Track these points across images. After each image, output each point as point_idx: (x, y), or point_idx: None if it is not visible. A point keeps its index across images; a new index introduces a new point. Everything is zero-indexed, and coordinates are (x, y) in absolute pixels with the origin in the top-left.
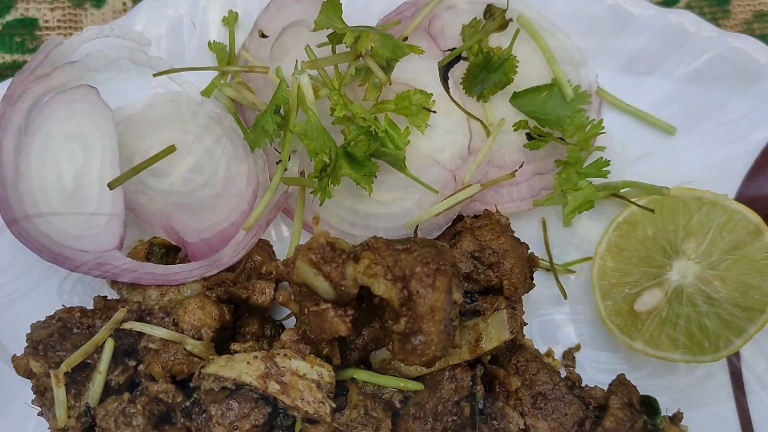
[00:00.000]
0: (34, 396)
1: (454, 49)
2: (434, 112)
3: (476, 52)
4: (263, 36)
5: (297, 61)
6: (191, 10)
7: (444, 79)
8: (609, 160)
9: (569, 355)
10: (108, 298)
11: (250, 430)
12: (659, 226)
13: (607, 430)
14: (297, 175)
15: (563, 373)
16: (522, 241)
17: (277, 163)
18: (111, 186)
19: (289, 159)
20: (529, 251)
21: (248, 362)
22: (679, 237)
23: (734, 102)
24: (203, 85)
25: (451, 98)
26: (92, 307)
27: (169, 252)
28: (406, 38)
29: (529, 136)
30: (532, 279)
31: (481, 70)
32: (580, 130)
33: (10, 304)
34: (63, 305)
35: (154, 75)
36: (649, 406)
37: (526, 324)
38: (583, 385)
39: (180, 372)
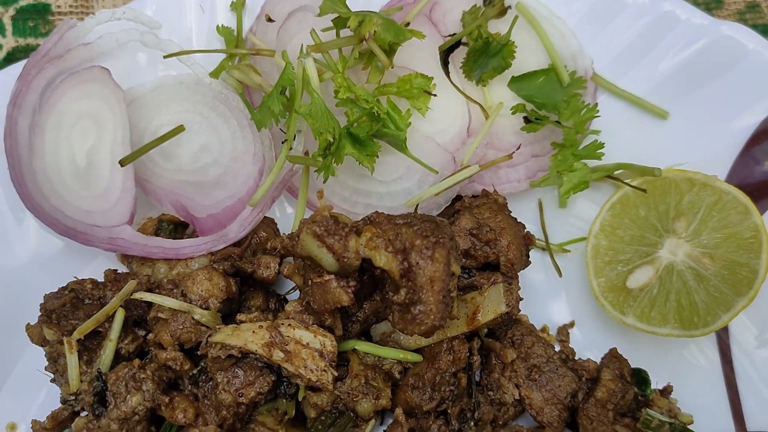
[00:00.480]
0: (47, 363)
1: (454, 34)
2: (435, 95)
3: (476, 37)
4: (270, 20)
5: (302, 44)
6: None
7: (444, 63)
8: (603, 143)
9: (564, 331)
10: (118, 271)
11: (255, 398)
12: (651, 206)
13: (599, 400)
14: (302, 154)
15: (557, 348)
16: (519, 220)
17: (282, 142)
18: (122, 163)
19: (294, 139)
20: (526, 230)
21: (254, 331)
22: (670, 216)
23: (725, 87)
24: (212, 68)
25: (451, 82)
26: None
27: (177, 228)
28: (408, 24)
29: (526, 120)
30: (528, 256)
31: (481, 55)
32: (576, 114)
33: (24, 278)
34: (75, 277)
35: (165, 57)
36: (640, 378)
37: (522, 299)
38: (576, 358)
39: (188, 340)
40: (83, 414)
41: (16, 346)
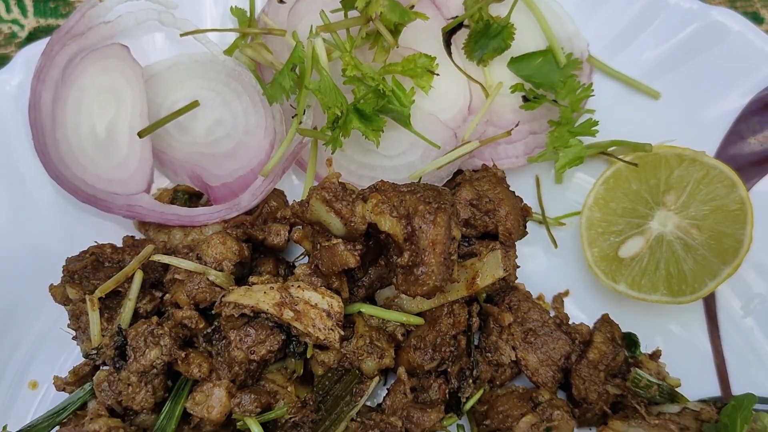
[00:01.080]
0: (69, 320)
1: (456, 17)
2: (438, 74)
3: (477, 19)
4: (281, 2)
5: (312, 25)
6: None
7: (447, 44)
8: (597, 121)
9: (558, 299)
10: (135, 238)
11: (266, 355)
12: (642, 180)
13: (591, 362)
14: (311, 128)
15: (552, 314)
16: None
17: (292, 117)
18: (140, 135)
19: (303, 113)
20: (523, 203)
21: (265, 292)
22: (661, 190)
23: (714, 69)
24: (225, 47)
25: (454, 62)
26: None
27: (192, 198)
28: (412, 6)
29: (524, 98)
30: (526, 227)
31: (482, 36)
32: (572, 93)
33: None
34: (95, 241)
35: (181, 35)
36: (630, 340)
37: (518, 267)
38: (570, 323)
39: (203, 300)
40: (104, 368)
41: (34, 309)
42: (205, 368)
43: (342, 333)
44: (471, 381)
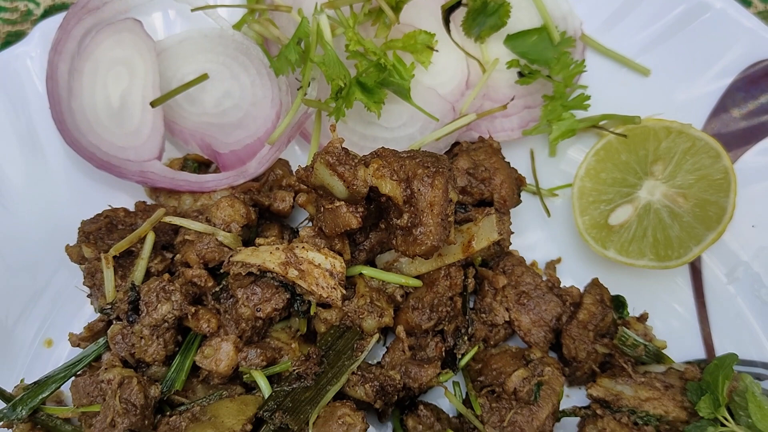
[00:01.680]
0: (84, 279)
1: None
2: (437, 50)
3: None
4: None
5: (316, 2)
6: None
7: (446, 21)
8: (590, 96)
9: (551, 266)
10: (147, 203)
11: (271, 313)
12: (632, 151)
13: (581, 322)
14: (315, 99)
15: (545, 278)
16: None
17: (297, 89)
18: (153, 104)
19: (308, 85)
20: (517, 173)
21: (271, 252)
22: (649, 161)
23: (701, 47)
24: (234, 22)
25: (452, 39)
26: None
27: (201, 166)
28: None
29: (520, 74)
30: (520, 196)
31: (479, 14)
32: (565, 69)
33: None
34: (109, 205)
35: (192, 10)
36: (618, 302)
37: (513, 233)
38: (561, 286)
39: (212, 259)
40: (117, 322)
41: (48, 271)
42: (213, 324)
43: (344, 292)
44: (466, 338)
